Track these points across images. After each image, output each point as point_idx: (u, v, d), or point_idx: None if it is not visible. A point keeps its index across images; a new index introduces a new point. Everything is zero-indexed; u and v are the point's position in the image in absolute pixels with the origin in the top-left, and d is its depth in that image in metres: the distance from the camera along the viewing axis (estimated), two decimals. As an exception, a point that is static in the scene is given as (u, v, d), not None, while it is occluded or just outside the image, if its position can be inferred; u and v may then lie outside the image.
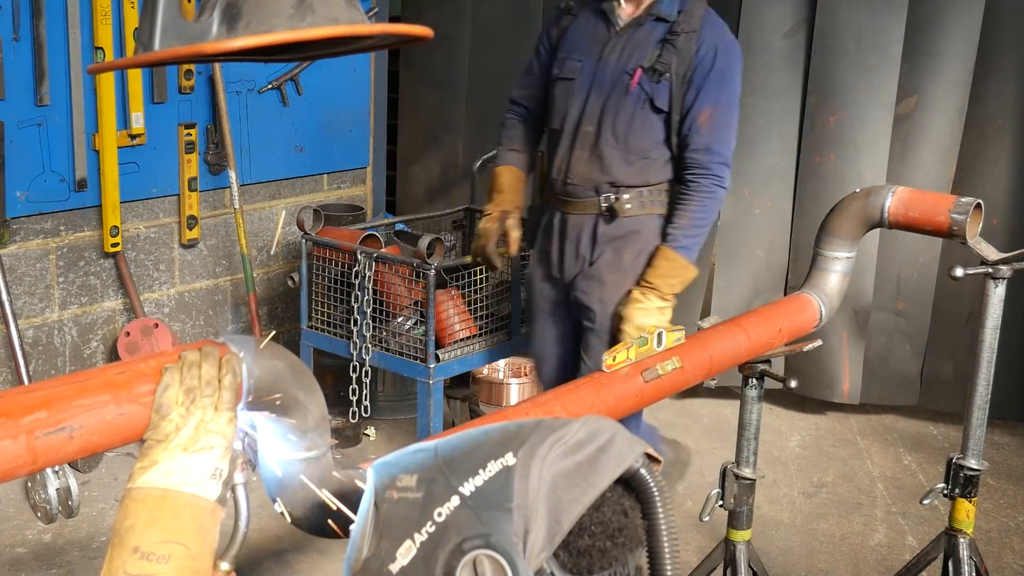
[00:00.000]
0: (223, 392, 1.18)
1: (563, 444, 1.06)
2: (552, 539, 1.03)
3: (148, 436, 1.18)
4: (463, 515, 1.03)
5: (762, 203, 4.59)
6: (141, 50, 1.12)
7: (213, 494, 1.15)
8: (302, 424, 1.29)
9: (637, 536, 1.10)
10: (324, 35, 1.10)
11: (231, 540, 1.27)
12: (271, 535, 3.58)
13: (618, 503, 1.09)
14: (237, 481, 1.25)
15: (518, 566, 1.01)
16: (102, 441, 1.21)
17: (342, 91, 4.82)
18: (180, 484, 1.14)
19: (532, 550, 1.02)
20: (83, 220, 4.03)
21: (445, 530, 1.04)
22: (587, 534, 1.06)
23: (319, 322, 3.84)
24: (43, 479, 3.56)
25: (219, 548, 1.21)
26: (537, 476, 1.03)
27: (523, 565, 1.01)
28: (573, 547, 1.06)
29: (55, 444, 1.17)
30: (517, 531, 1.02)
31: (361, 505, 1.12)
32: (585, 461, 1.06)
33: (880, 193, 2.60)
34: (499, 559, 1.01)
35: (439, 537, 1.04)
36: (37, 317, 3.98)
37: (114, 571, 1.10)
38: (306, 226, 3.79)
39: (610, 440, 1.09)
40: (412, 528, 1.05)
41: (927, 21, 4.31)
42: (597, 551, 1.07)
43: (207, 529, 1.15)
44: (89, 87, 3.90)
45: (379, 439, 4.27)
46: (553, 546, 1.04)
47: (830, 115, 4.43)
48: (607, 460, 1.07)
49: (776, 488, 4.04)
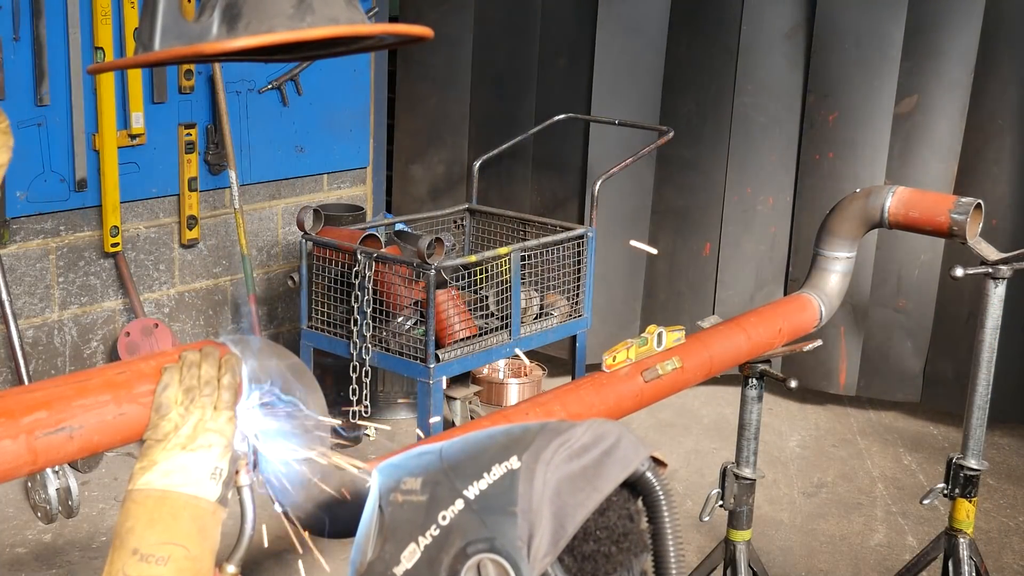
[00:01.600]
0: (222, 392, 1.18)
1: (568, 448, 1.06)
2: (556, 543, 1.03)
3: (147, 436, 1.18)
4: (467, 519, 1.03)
5: (764, 200, 4.60)
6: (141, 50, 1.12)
7: (213, 494, 1.15)
8: (302, 423, 1.29)
9: (642, 541, 1.09)
10: (324, 35, 1.10)
11: (237, 542, 1.27)
12: (271, 535, 3.58)
13: (623, 507, 1.09)
14: (243, 483, 1.25)
15: (522, 570, 1.00)
16: (102, 441, 1.21)
17: (342, 91, 4.82)
18: (179, 485, 1.13)
19: (536, 555, 1.01)
20: (83, 220, 4.03)
21: (449, 534, 1.03)
22: (592, 539, 1.06)
23: (319, 322, 3.84)
24: (43, 479, 3.56)
25: (224, 550, 1.21)
26: (542, 480, 1.03)
27: (527, 569, 1.00)
28: (578, 552, 1.06)
29: (55, 444, 1.17)
30: (521, 535, 1.01)
31: (366, 508, 1.11)
32: (590, 465, 1.06)
33: (880, 193, 2.60)
34: (503, 563, 1.01)
35: (443, 541, 1.03)
36: (37, 317, 3.98)
37: (114, 573, 1.10)
38: (306, 226, 3.79)
39: (615, 444, 1.08)
40: (416, 531, 1.05)
41: (927, 21, 4.32)
42: (602, 556, 1.06)
43: (207, 530, 1.15)
44: (89, 87, 3.89)
45: (379, 439, 4.27)
46: (558, 550, 1.03)
47: (829, 114, 4.44)
48: (612, 464, 1.07)
49: (776, 488, 4.04)
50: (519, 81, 5.05)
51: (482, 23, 5.12)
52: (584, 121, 4.67)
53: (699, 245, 4.75)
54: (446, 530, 1.04)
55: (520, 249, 3.62)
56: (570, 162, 4.94)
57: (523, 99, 5.05)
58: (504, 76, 5.10)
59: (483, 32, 5.12)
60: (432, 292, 3.49)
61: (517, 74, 5.05)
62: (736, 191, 4.63)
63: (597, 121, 4.55)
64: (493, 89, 5.14)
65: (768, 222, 4.63)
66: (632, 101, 4.71)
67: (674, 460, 4.25)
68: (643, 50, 4.70)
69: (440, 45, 5.14)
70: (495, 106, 5.14)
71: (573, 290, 3.87)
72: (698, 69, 4.65)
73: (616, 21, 4.69)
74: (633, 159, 3.96)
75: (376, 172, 5.14)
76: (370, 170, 5.08)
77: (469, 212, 4.23)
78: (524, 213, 4.31)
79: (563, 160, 4.98)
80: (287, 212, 4.73)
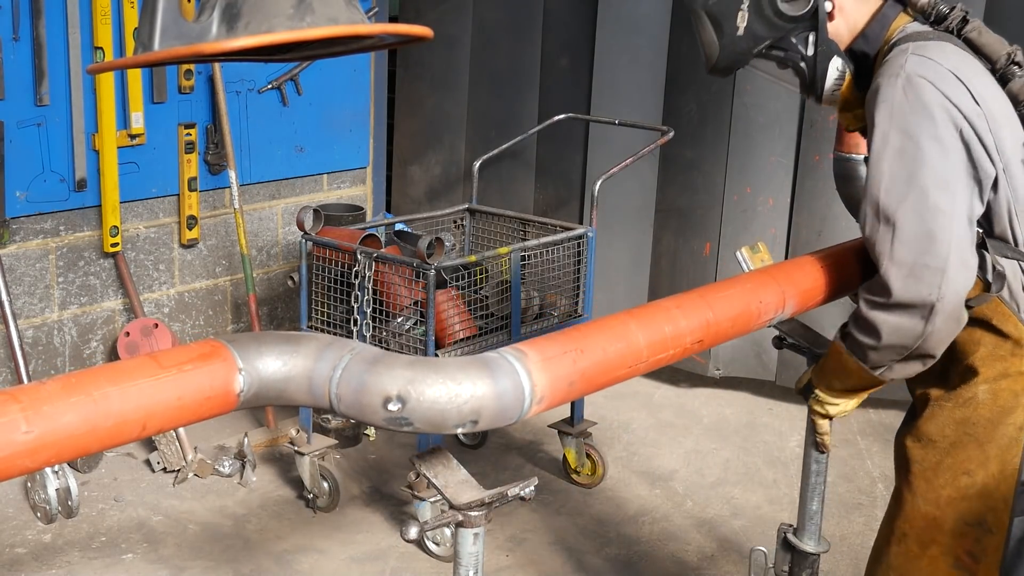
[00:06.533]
0: None
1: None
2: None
3: None
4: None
5: (764, 201, 4.60)
6: (141, 50, 1.12)
7: None
8: None
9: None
10: (324, 35, 1.10)
11: None
12: (271, 535, 3.58)
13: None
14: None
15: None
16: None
17: (342, 91, 4.82)
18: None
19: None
20: (83, 220, 4.03)
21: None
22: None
23: (319, 322, 3.83)
24: (43, 479, 3.56)
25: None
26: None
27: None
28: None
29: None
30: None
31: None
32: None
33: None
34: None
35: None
36: (37, 317, 3.98)
37: None
38: (306, 226, 3.78)
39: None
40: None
41: (927, 21, 4.32)
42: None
43: None
44: (89, 87, 3.90)
45: (379, 439, 4.26)
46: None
47: (829, 114, 4.44)
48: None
49: (776, 488, 4.04)
50: (519, 81, 5.05)
51: (482, 23, 5.12)
52: (584, 121, 4.67)
53: (699, 245, 4.75)
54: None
55: (520, 249, 3.62)
56: (570, 162, 4.94)
57: (523, 99, 5.05)
58: (504, 76, 5.10)
59: (483, 32, 5.12)
60: (432, 292, 3.49)
61: (517, 74, 5.05)
62: (736, 191, 4.63)
63: (597, 121, 4.55)
64: (493, 89, 5.15)
65: (768, 222, 4.63)
66: (632, 101, 4.70)
67: (674, 460, 4.25)
68: (644, 50, 4.70)
69: (440, 45, 5.15)
70: (495, 106, 5.14)
71: (573, 290, 3.87)
72: (699, 69, 4.63)
73: (616, 21, 4.69)
74: (633, 159, 3.96)
75: (376, 172, 5.14)
76: (370, 170, 5.08)
77: (469, 212, 4.23)
78: (524, 213, 4.31)
79: (563, 160, 4.98)
80: (287, 212, 4.73)
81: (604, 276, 4.66)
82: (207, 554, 3.44)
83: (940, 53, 1.93)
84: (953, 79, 1.90)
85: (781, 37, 2.09)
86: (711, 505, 3.91)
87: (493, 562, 3.47)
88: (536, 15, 4.95)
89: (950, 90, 1.88)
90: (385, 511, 3.77)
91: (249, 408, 1.59)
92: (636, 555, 3.57)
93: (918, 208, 1.86)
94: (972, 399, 2.02)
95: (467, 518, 1.60)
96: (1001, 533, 2.03)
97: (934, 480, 2.07)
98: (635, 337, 1.73)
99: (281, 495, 3.85)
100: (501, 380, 1.50)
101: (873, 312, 1.94)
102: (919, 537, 2.09)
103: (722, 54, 2.17)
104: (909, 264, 1.87)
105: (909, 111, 1.88)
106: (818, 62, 2.08)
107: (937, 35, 1.99)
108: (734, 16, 2.10)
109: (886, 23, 2.06)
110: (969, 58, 1.98)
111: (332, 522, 3.69)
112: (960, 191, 1.87)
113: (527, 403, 1.54)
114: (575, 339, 1.65)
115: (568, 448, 4.00)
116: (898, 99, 1.89)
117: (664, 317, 1.82)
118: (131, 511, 3.69)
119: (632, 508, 3.87)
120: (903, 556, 2.11)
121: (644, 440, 4.42)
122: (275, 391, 1.47)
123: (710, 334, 1.89)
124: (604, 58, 4.71)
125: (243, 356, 1.44)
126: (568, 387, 1.61)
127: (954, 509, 2.05)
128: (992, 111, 1.92)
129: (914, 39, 1.98)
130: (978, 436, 2.02)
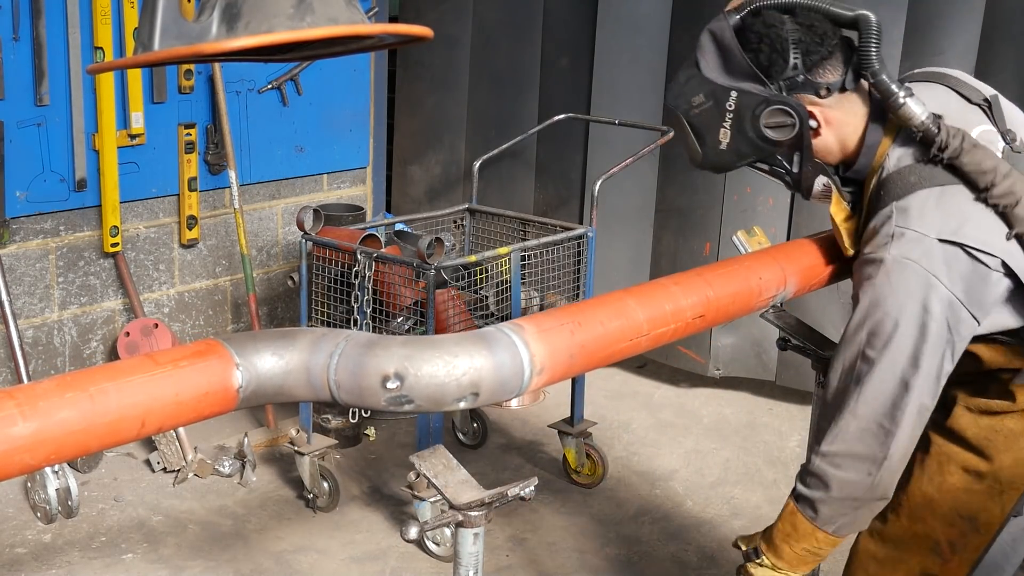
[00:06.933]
0: None
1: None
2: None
3: None
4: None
5: (764, 201, 4.60)
6: (141, 50, 1.12)
7: None
8: None
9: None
10: (324, 35, 1.10)
11: None
12: (271, 535, 3.58)
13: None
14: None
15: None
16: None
17: (342, 91, 4.82)
18: None
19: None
20: (83, 220, 4.03)
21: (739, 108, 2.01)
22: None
23: (319, 322, 3.83)
24: (43, 479, 3.55)
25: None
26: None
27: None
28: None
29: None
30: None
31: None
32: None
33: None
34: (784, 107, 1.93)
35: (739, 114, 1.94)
36: (37, 317, 3.98)
37: None
38: (306, 226, 3.78)
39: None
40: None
41: (927, 21, 4.31)
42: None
43: None
44: (89, 87, 3.89)
45: (379, 439, 4.26)
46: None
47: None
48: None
49: (776, 488, 4.04)
50: (519, 81, 5.05)
51: (482, 23, 5.12)
52: (584, 121, 4.67)
53: (699, 245, 4.75)
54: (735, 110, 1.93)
55: (520, 249, 3.62)
56: (570, 162, 4.93)
57: (523, 99, 5.05)
58: (504, 76, 5.10)
59: (483, 32, 5.12)
60: (432, 292, 3.49)
61: (517, 74, 5.05)
62: (736, 191, 4.63)
63: (597, 121, 4.55)
64: (493, 89, 5.14)
65: (768, 222, 4.63)
66: (632, 101, 4.70)
67: (674, 460, 4.25)
68: (644, 50, 4.69)
69: (440, 45, 5.14)
70: (495, 106, 5.14)
71: (573, 290, 3.87)
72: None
73: (616, 21, 4.69)
74: (633, 159, 3.96)
75: (376, 172, 5.14)
76: (370, 170, 5.08)
77: (469, 212, 4.23)
78: (524, 213, 4.31)
79: (563, 160, 4.97)
80: (287, 212, 4.73)
81: (604, 276, 4.65)
82: (207, 554, 3.44)
83: (921, 219, 1.87)
84: (939, 250, 1.85)
85: (765, 156, 2.06)
86: (711, 505, 3.91)
87: (493, 562, 3.47)
88: (536, 15, 4.95)
89: (935, 267, 1.84)
90: (385, 511, 3.77)
91: (250, 407, 1.59)
92: (636, 555, 3.57)
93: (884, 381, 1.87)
94: (1004, 412, 2.05)
95: (467, 518, 1.60)
96: (987, 536, 2.07)
97: (946, 466, 2.10)
98: (634, 313, 1.76)
99: (281, 495, 3.85)
100: (499, 352, 1.51)
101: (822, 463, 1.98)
102: (912, 512, 2.13)
103: (705, 161, 2.13)
104: (867, 421, 1.89)
105: (890, 293, 1.85)
106: (803, 179, 2.06)
107: (918, 175, 1.91)
108: (716, 131, 2.06)
109: (871, 154, 2.01)
110: (951, 198, 1.89)
111: (332, 522, 3.69)
112: (931, 368, 1.85)
113: (527, 374, 1.54)
114: (571, 313, 1.68)
115: (568, 448, 4.00)
116: (880, 281, 1.86)
117: (663, 294, 1.85)
118: (131, 511, 3.69)
119: (632, 508, 3.87)
120: (893, 525, 2.17)
121: (644, 440, 4.42)
122: (274, 386, 1.46)
123: (711, 310, 1.91)
124: (604, 58, 4.71)
125: (239, 352, 1.43)
126: (569, 359, 1.62)
127: (953, 498, 2.09)
128: (979, 261, 1.86)
129: (898, 188, 1.92)
130: (998, 445, 2.04)
